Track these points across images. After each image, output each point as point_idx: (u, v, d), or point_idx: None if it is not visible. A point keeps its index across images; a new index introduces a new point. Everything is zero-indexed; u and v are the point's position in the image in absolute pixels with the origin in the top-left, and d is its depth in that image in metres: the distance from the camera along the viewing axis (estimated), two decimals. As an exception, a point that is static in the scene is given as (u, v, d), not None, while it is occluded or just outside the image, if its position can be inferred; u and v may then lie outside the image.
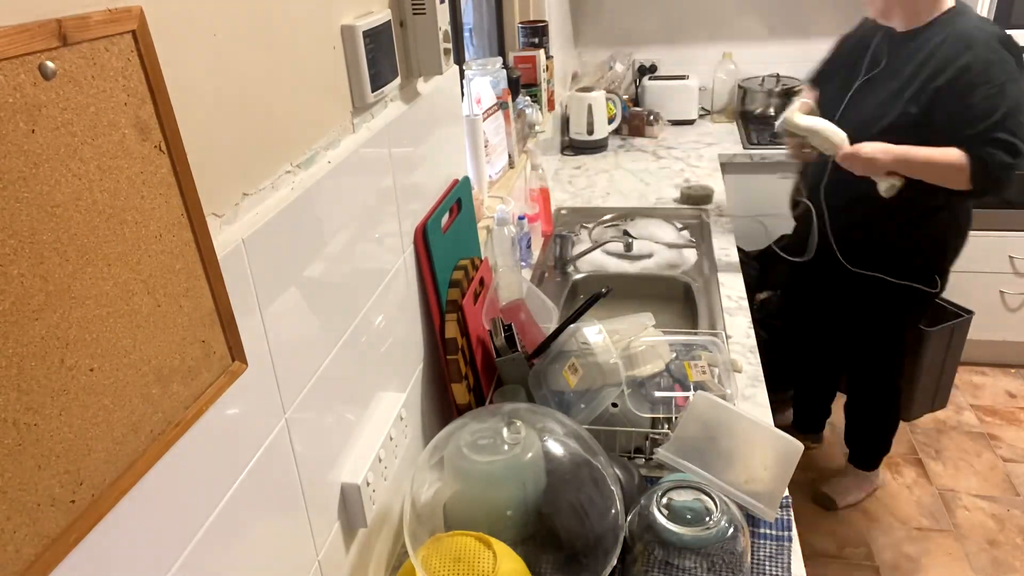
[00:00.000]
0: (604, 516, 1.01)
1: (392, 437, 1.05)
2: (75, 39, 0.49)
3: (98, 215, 0.52)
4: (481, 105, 1.79)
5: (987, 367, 2.97)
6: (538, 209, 2.10)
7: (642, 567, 0.99)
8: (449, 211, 1.31)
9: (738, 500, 1.04)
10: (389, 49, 1.04)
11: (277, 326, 0.77)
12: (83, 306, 0.51)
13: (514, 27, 2.49)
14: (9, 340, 0.45)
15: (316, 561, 0.89)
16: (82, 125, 0.50)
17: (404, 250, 1.15)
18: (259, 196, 0.76)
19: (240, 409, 0.71)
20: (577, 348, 1.25)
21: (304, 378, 0.84)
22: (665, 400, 1.25)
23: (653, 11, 3.18)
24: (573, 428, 1.08)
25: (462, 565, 0.88)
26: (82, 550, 0.52)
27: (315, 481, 0.88)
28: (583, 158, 2.84)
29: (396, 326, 1.11)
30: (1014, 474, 2.46)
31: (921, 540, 2.24)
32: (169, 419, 0.60)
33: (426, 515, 0.99)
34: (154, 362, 0.58)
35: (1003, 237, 2.71)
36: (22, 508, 0.47)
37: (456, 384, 1.24)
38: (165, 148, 0.58)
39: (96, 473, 0.53)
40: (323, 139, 0.90)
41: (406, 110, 1.14)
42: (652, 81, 3.15)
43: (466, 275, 1.32)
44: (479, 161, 1.73)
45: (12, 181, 0.45)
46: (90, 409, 0.52)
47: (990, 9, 2.48)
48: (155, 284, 0.58)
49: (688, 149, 2.85)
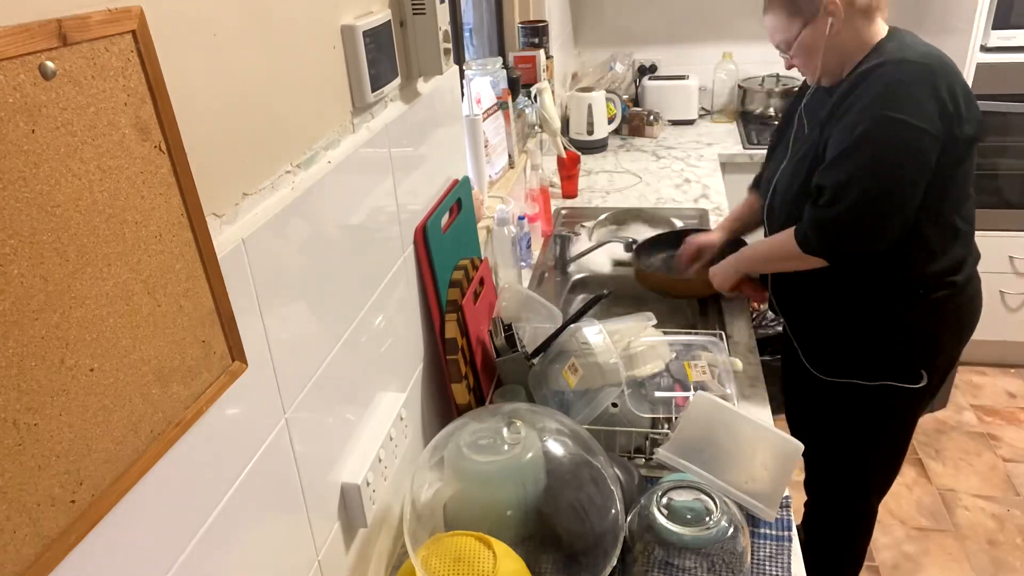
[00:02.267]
0: (604, 516, 1.01)
1: (392, 437, 1.05)
2: (75, 39, 0.49)
3: (98, 215, 0.52)
4: (481, 105, 1.79)
5: (987, 367, 2.97)
6: (538, 209, 2.10)
7: (642, 567, 0.99)
8: (449, 211, 1.31)
9: (738, 500, 1.04)
10: (389, 49, 1.04)
11: (277, 326, 0.77)
12: (83, 306, 0.51)
13: (514, 27, 2.49)
14: (9, 340, 0.45)
15: (316, 561, 0.89)
16: (82, 125, 0.50)
17: (404, 250, 1.15)
18: (259, 196, 0.76)
19: (240, 409, 0.71)
20: (577, 348, 1.25)
21: (304, 378, 0.84)
22: (665, 400, 1.25)
23: (653, 11, 3.18)
24: (573, 428, 1.08)
25: (462, 565, 0.88)
26: (82, 550, 0.52)
27: (315, 481, 0.88)
28: (583, 158, 2.83)
29: (396, 326, 1.11)
30: (1014, 474, 2.46)
31: (921, 540, 2.24)
32: (169, 419, 0.60)
33: (426, 515, 0.99)
34: (154, 362, 0.58)
35: (1003, 237, 2.71)
36: (22, 508, 0.47)
37: (456, 384, 1.24)
38: (165, 148, 0.58)
39: (96, 473, 0.53)
40: (323, 139, 0.90)
41: (406, 110, 1.14)
42: (652, 81, 3.15)
43: (466, 275, 1.32)
44: (479, 161, 1.74)
45: (12, 181, 0.45)
46: (90, 409, 0.52)
47: (990, 10, 2.48)
48: (155, 284, 0.58)
49: (688, 149, 2.85)
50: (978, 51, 2.52)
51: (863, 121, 1.28)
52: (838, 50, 1.40)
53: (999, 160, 2.66)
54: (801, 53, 1.44)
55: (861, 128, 1.28)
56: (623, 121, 3.04)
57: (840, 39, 1.38)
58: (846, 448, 1.67)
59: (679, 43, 3.22)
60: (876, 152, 1.28)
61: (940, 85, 1.27)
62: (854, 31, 1.38)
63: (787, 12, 1.41)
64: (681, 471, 1.09)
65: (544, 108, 2.28)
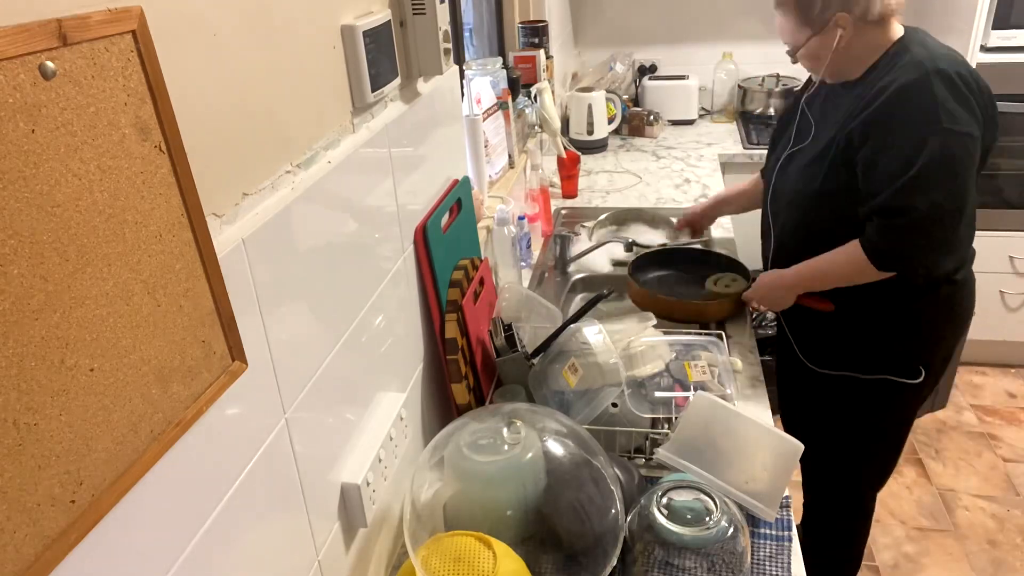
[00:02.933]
0: (604, 516, 1.01)
1: (392, 437, 1.05)
2: (75, 39, 0.49)
3: (98, 215, 0.52)
4: (481, 105, 1.79)
5: (987, 367, 2.97)
6: (538, 209, 2.10)
7: (642, 567, 0.99)
8: (449, 211, 1.31)
9: (738, 500, 1.04)
10: (389, 49, 1.04)
11: (277, 326, 0.77)
12: (83, 306, 0.51)
13: (514, 27, 2.49)
14: (9, 340, 0.45)
15: (316, 561, 0.89)
16: (82, 125, 0.50)
17: (404, 250, 1.15)
18: (259, 196, 0.76)
19: (240, 409, 0.71)
20: (577, 348, 1.25)
21: (304, 378, 0.84)
22: (665, 400, 1.25)
23: (653, 11, 3.18)
24: (573, 428, 1.08)
25: (462, 565, 0.88)
26: (82, 550, 0.52)
27: (315, 481, 0.88)
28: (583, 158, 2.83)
29: (396, 326, 1.11)
30: (1014, 474, 2.46)
31: (921, 540, 2.24)
32: (169, 419, 0.60)
33: (426, 515, 0.99)
34: (154, 362, 0.58)
35: (1003, 237, 2.71)
36: (22, 508, 0.47)
37: (456, 384, 1.24)
38: (165, 148, 0.58)
39: (96, 473, 0.53)
40: (323, 139, 0.90)
41: (406, 110, 1.14)
42: (652, 81, 3.15)
43: (466, 275, 1.31)
44: (479, 161, 1.74)
45: (12, 181, 0.45)
46: (90, 409, 0.52)
47: (990, 10, 2.48)
48: (155, 284, 0.58)
49: (688, 149, 2.85)
50: (978, 51, 2.52)
51: (932, 137, 1.27)
52: (848, 56, 1.41)
53: (999, 160, 2.66)
54: (808, 58, 1.45)
55: (932, 144, 1.27)
56: (623, 121, 3.04)
57: (850, 47, 1.39)
58: (841, 442, 1.68)
59: (679, 43, 3.22)
60: (951, 167, 1.29)
61: (975, 93, 1.31)
62: (866, 39, 1.39)
63: (797, 19, 1.41)
64: (681, 471, 1.09)
65: (544, 108, 2.28)
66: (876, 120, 1.34)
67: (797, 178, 1.51)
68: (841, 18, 1.35)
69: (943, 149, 1.27)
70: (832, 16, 1.36)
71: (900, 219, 1.31)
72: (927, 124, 1.28)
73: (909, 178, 1.29)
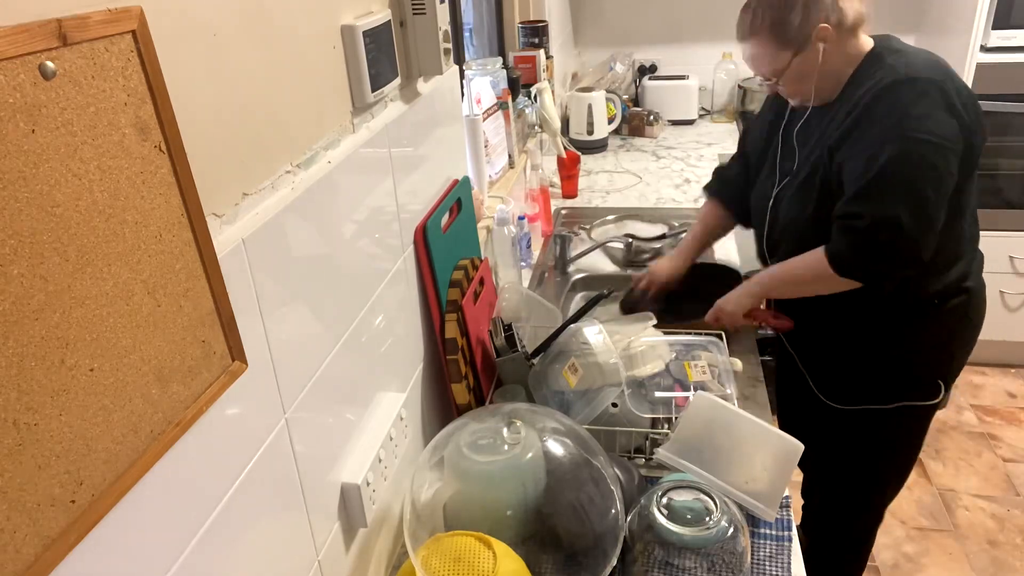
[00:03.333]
0: (604, 516, 1.01)
1: (392, 437, 1.05)
2: (75, 39, 0.49)
3: (98, 215, 0.52)
4: (481, 105, 1.79)
5: (987, 367, 2.97)
6: (538, 209, 2.10)
7: (642, 567, 0.99)
8: (449, 211, 1.31)
9: (738, 500, 1.04)
10: (389, 49, 1.04)
11: (277, 326, 0.77)
12: (83, 306, 0.51)
13: (514, 27, 2.50)
14: (9, 340, 0.45)
15: (316, 561, 0.89)
16: (82, 125, 0.50)
17: (404, 250, 1.15)
18: (259, 196, 0.76)
19: (240, 409, 0.71)
20: (577, 348, 1.25)
21: (304, 378, 0.84)
22: (665, 400, 1.25)
23: (653, 11, 3.18)
24: (573, 428, 1.08)
25: (462, 565, 0.88)
26: (82, 550, 0.52)
27: (315, 481, 0.88)
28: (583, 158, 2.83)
29: (396, 326, 1.11)
30: (1014, 474, 2.46)
31: (921, 540, 2.24)
32: (169, 419, 0.60)
33: (426, 515, 0.99)
34: (154, 362, 0.58)
35: (1003, 237, 2.71)
36: (22, 508, 0.47)
37: (456, 384, 1.24)
38: (165, 148, 0.58)
39: (96, 473, 0.53)
40: (323, 139, 0.90)
41: (406, 110, 1.14)
42: (652, 81, 3.15)
43: (466, 275, 1.32)
44: (479, 161, 1.74)
45: (12, 181, 0.45)
46: (90, 409, 0.52)
47: (990, 10, 2.48)
48: (155, 284, 0.58)
49: (688, 149, 2.85)
50: (978, 51, 2.52)
51: (889, 143, 1.25)
52: (829, 72, 1.37)
53: (999, 160, 2.66)
54: (792, 81, 1.40)
55: (889, 150, 1.25)
56: (623, 121, 3.04)
57: (831, 61, 1.35)
58: (859, 473, 1.66)
59: (679, 43, 3.22)
60: (907, 174, 1.26)
61: (954, 98, 1.26)
62: (843, 50, 1.36)
63: (775, 44, 1.35)
64: (681, 471, 1.09)
65: (544, 108, 2.28)
66: (848, 129, 1.33)
67: (789, 207, 1.47)
68: (822, 30, 1.31)
69: (901, 157, 1.25)
70: (813, 29, 1.32)
71: (855, 223, 1.28)
72: (886, 131, 1.26)
73: (861, 186, 1.27)
